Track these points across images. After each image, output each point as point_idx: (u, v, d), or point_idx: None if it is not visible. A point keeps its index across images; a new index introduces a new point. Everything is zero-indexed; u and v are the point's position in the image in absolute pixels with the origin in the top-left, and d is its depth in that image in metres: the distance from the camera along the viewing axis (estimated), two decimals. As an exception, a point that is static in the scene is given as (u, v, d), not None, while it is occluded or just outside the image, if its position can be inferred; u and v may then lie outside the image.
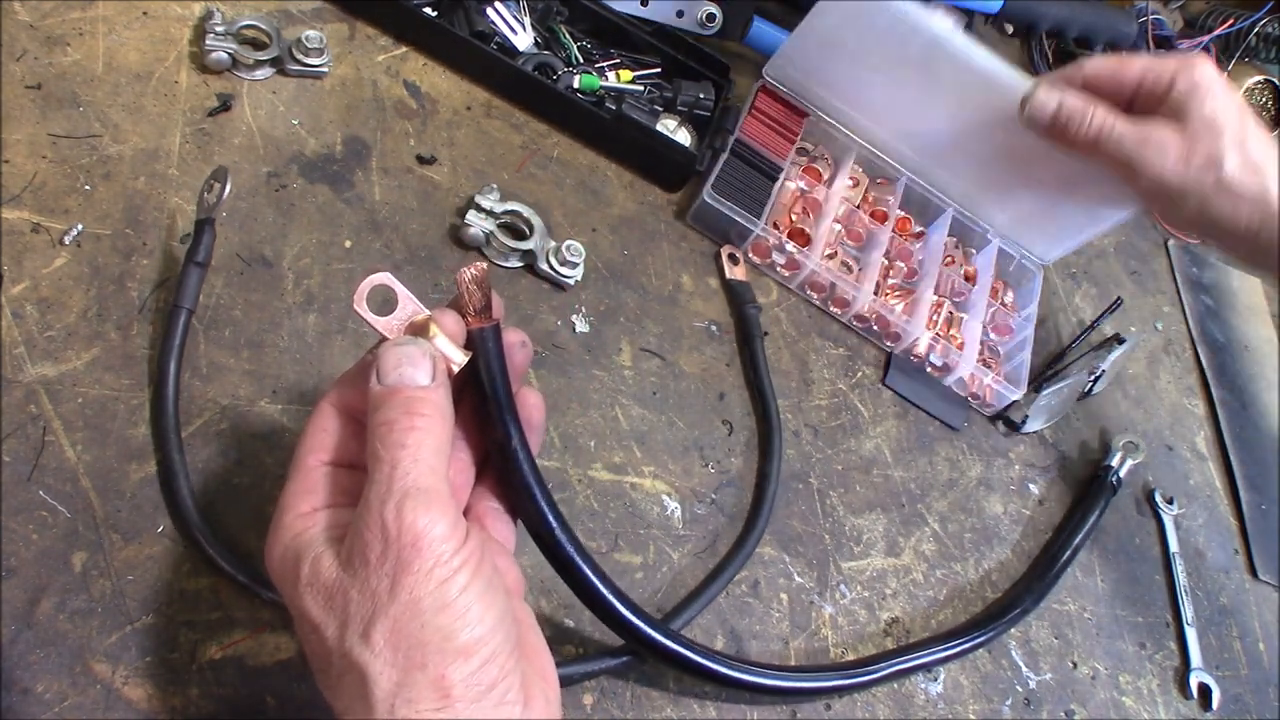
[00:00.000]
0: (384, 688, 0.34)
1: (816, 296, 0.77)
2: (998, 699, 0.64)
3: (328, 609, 0.36)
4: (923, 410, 0.76)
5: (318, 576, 0.36)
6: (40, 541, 0.46)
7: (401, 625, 0.34)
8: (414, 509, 0.35)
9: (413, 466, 0.36)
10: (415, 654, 0.34)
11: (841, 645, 0.61)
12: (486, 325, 0.42)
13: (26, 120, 0.56)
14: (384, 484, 0.36)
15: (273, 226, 0.60)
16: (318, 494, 0.40)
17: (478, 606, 0.35)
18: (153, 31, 0.64)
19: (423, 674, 0.34)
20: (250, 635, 0.47)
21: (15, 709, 0.42)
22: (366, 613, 0.35)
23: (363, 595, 0.35)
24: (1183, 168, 0.63)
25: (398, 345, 0.39)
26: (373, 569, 0.35)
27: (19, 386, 0.49)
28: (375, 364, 0.39)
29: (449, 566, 0.35)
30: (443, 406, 0.39)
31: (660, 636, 0.49)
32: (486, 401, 0.42)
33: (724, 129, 0.77)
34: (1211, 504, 0.86)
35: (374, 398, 0.38)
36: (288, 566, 0.37)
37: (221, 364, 0.54)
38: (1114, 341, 0.86)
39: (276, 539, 0.38)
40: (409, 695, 0.34)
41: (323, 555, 0.37)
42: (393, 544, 0.35)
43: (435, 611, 0.35)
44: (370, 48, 0.71)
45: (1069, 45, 1.13)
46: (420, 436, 0.37)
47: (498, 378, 0.42)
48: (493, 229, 0.64)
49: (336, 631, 0.35)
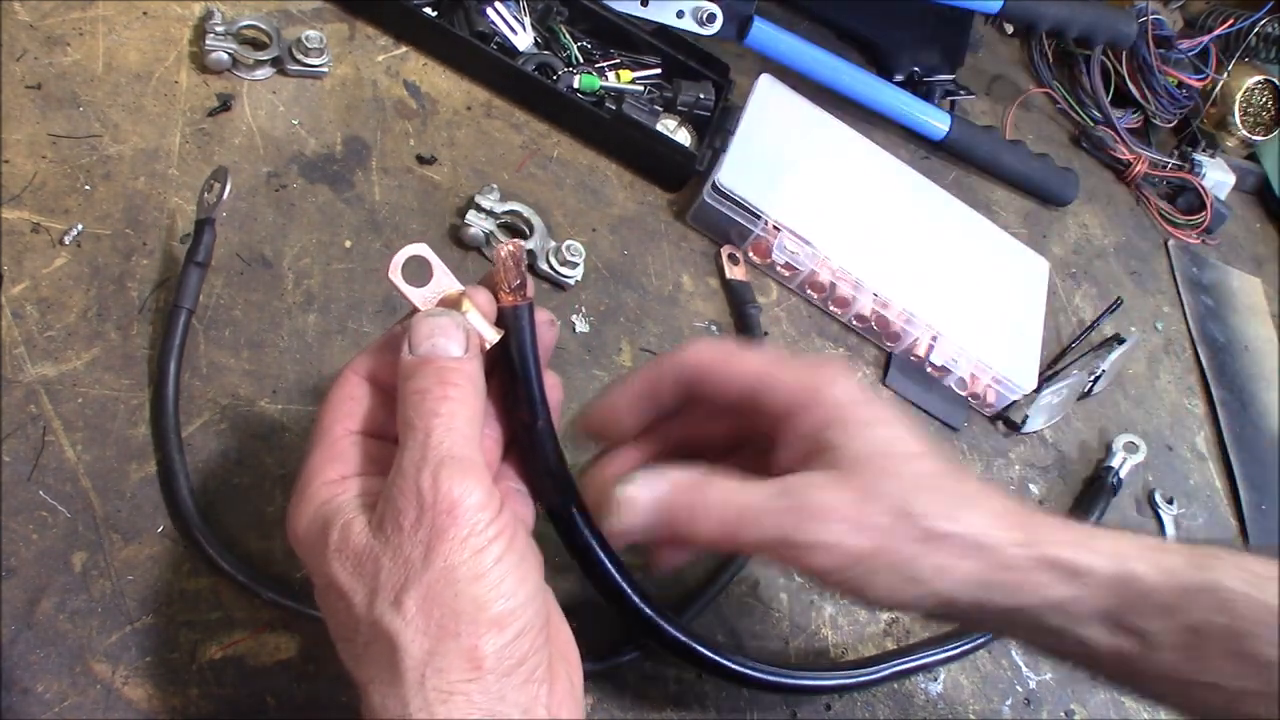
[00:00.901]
0: (415, 655, 0.34)
1: (816, 296, 0.77)
2: (998, 699, 0.64)
3: (357, 575, 0.35)
4: (923, 410, 0.76)
5: (348, 542, 0.36)
6: (40, 541, 0.46)
7: (435, 593, 0.34)
8: (449, 476, 0.35)
9: (447, 435, 0.36)
10: (448, 623, 0.34)
11: (841, 645, 0.61)
12: (521, 303, 0.42)
13: (26, 120, 0.56)
14: (418, 451, 0.36)
15: (273, 226, 0.60)
16: (347, 462, 0.39)
17: (512, 579, 0.35)
18: (153, 31, 0.64)
19: (455, 643, 0.34)
20: (250, 635, 0.47)
21: (15, 709, 0.42)
22: (398, 580, 0.34)
23: (395, 562, 0.35)
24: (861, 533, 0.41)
25: (431, 316, 0.39)
26: (406, 535, 0.34)
27: (19, 386, 0.49)
28: (408, 334, 0.39)
29: (484, 536, 0.35)
30: (476, 379, 0.39)
31: (673, 630, 0.48)
32: (516, 380, 0.42)
33: (724, 129, 0.77)
34: (1211, 504, 0.86)
35: (406, 367, 0.38)
36: (315, 533, 0.37)
37: (221, 364, 0.54)
38: (1114, 341, 0.86)
39: (302, 507, 0.38)
40: (440, 664, 0.34)
41: (354, 521, 0.36)
42: (428, 510, 0.34)
43: (470, 581, 0.34)
44: (370, 48, 0.71)
45: (1069, 45, 1.13)
46: (454, 406, 0.37)
47: (529, 356, 0.42)
48: (493, 229, 0.64)
49: (366, 598, 0.35)
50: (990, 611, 0.42)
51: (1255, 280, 1.11)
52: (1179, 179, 1.11)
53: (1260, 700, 0.40)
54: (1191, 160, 1.14)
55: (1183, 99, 1.13)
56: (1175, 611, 0.41)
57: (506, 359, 0.42)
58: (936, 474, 0.43)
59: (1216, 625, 0.40)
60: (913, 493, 0.41)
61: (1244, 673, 0.40)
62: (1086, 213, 1.04)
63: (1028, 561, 0.41)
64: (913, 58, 0.97)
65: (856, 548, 0.41)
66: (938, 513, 0.41)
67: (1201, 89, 1.14)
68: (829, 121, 0.85)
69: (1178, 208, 1.11)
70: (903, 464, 0.42)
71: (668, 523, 0.43)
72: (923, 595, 0.41)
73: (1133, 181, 1.10)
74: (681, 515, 0.42)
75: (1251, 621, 0.40)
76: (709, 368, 0.46)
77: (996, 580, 0.41)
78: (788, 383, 0.44)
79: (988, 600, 0.41)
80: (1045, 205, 1.01)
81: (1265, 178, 1.22)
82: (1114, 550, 0.42)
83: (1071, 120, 1.13)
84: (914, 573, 0.41)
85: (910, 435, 0.44)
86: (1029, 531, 0.42)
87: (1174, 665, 0.41)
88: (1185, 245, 1.09)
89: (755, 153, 0.76)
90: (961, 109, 1.00)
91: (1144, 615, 0.41)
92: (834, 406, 0.43)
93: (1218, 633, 0.40)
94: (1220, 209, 1.10)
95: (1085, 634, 0.42)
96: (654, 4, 0.78)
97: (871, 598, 0.42)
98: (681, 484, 0.43)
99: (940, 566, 0.41)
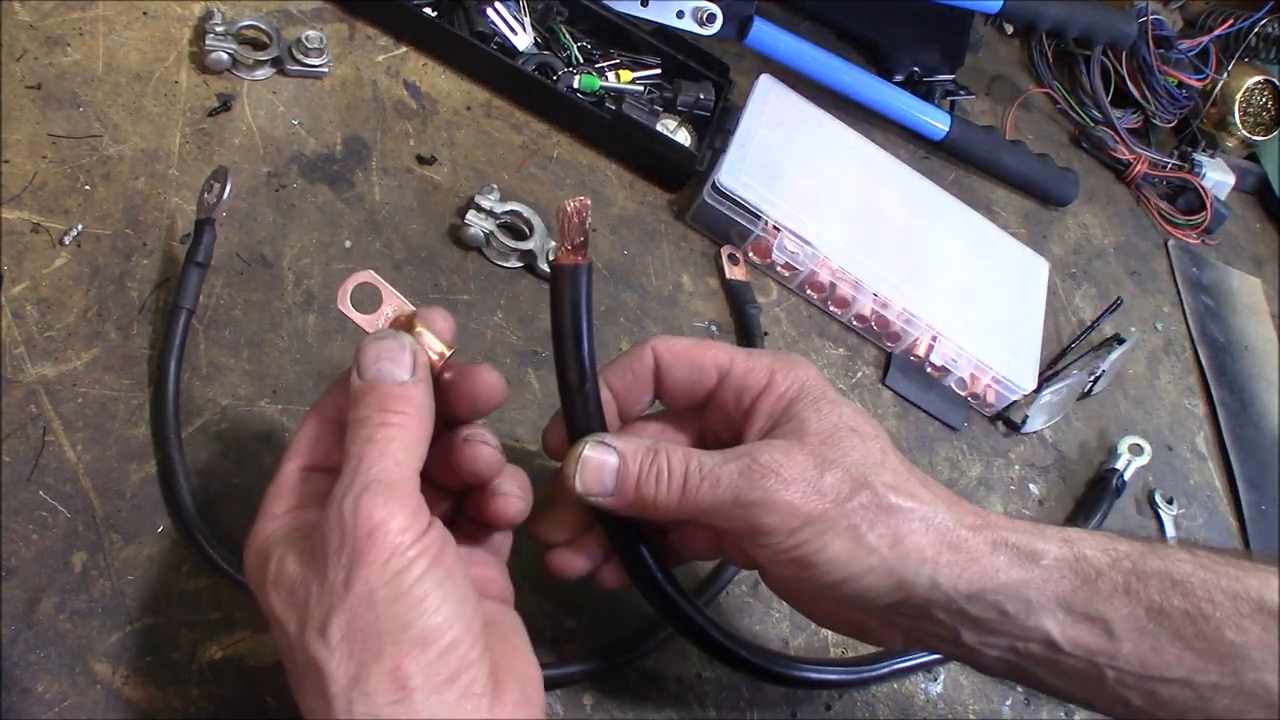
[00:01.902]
0: (340, 683, 0.34)
1: (816, 296, 0.77)
2: (997, 699, 0.64)
3: (289, 605, 0.36)
4: (923, 410, 0.76)
5: (282, 573, 0.36)
6: (40, 541, 0.46)
7: (357, 618, 0.34)
8: (371, 500, 0.35)
9: (378, 460, 0.36)
10: (371, 645, 0.34)
11: (841, 645, 0.61)
12: (582, 262, 0.42)
13: (26, 120, 0.56)
14: (348, 479, 0.36)
15: (273, 226, 0.60)
16: (290, 497, 0.40)
17: (435, 595, 0.35)
18: (153, 31, 0.64)
19: (379, 665, 0.34)
20: (250, 635, 0.47)
21: (15, 709, 0.42)
22: (324, 608, 0.35)
23: (321, 590, 0.35)
24: (816, 495, 0.41)
25: (378, 340, 0.40)
26: (330, 562, 0.35)
27: (19, 386, 0.49)
28: (355, 359, 0.39)
29: (405, 557, 0.35)
30: (419, 402, 0.39)
31: (692, 612, 0.48)
32: (564, 341, 0.42)
33: (724, 129, 0.77)
34: (1211, 504, 0.86)
35: (354, 394, 0.39)
36: (257, 567, 0.38)
37: (221, 364, 0.54)
38: (1114, 341, 0.86)
39: (250, 543, 0.39)
40: (365, 688, 0.34)
41: (287, 554, 0.37)
42: (349, 536, 0.35)
43: (390, 602, 0.34)
44: (370, 48, 0.71)
45: (1069, 45, 1.13)
46: (392, 432, 0.37)
47: (582, 317, 0.42)
48: (493, 229, 0.64)
49: (297, 628, 0.35)
50: (945, 600, 0.41)
51: (1255, 280, 1.11)
52: (1179, 179, 1.11)
53: (1228, 695, 0.40)
54: (1191, 160, 1.14)
55: (1183, 99, 1.13)
56: (1133, 594, 0.40)
57: (557, 319, 0.42)
58: (894, 457, 0.44)
59: (1176, 608, 0.40)
60: (872, 468, 0.42)
61: (1208, 666, 0.40)
62: (1086, 213, 1.04)
63: (982, 543, 0.42)
64: (913, 58, 0.97)
65: (810, 509, 0.40)
66: (896, 487, 0.42)
67: (1201, 89, 1.14)
68: (829, 121, 0.85)
69: (1178, 208, 1.11)
70: (862, 441, 0.43)
71: (628, 489, 0.43)
72: (874, 566, 0.41)
73: (1133, 181, 1.10)
74: (642, 477, 0.42)
75: (1210, 604, 0.40)
76: (679, 355, 0.46)
77: (952, 559, 0.41)
78: (755, 366, 0.46)
79: (944, 583, 0.41)
80: (1045, 205, 1.01)
81: (1265, 178, 1.22)
82: (1064, 537, 0.43)
83: (1071, 120, 1.13)
84: (867, 540, 0.40)
85: (870, 423, 0.45)
86: (981, 518, 0.43)
87: (1140, 659, 0.40)
88: (1185, 245, 1.09)
89: (755, 153, 0.76)
90: (961, 109, 1.00)
91: (1102, 597, 0.41)
92: (799, 385, 0.45)
93: (1178, 615, 0.40)
94: (1220, 209, 1.10)
95: (1047, 626, 0.41)
96: (654, 4, 0.78)
97: (821, 568, 0.41)
98: (639, 449, 0.43)
99: (896, 535, 0.41)
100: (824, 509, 0.41)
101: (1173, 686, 0.40)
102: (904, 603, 0.42)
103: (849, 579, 0.41)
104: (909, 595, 0.41)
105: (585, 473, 0.43)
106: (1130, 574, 0.41)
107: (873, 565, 0.41)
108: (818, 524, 0.40)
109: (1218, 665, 0.40)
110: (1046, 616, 0.41)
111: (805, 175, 0.79)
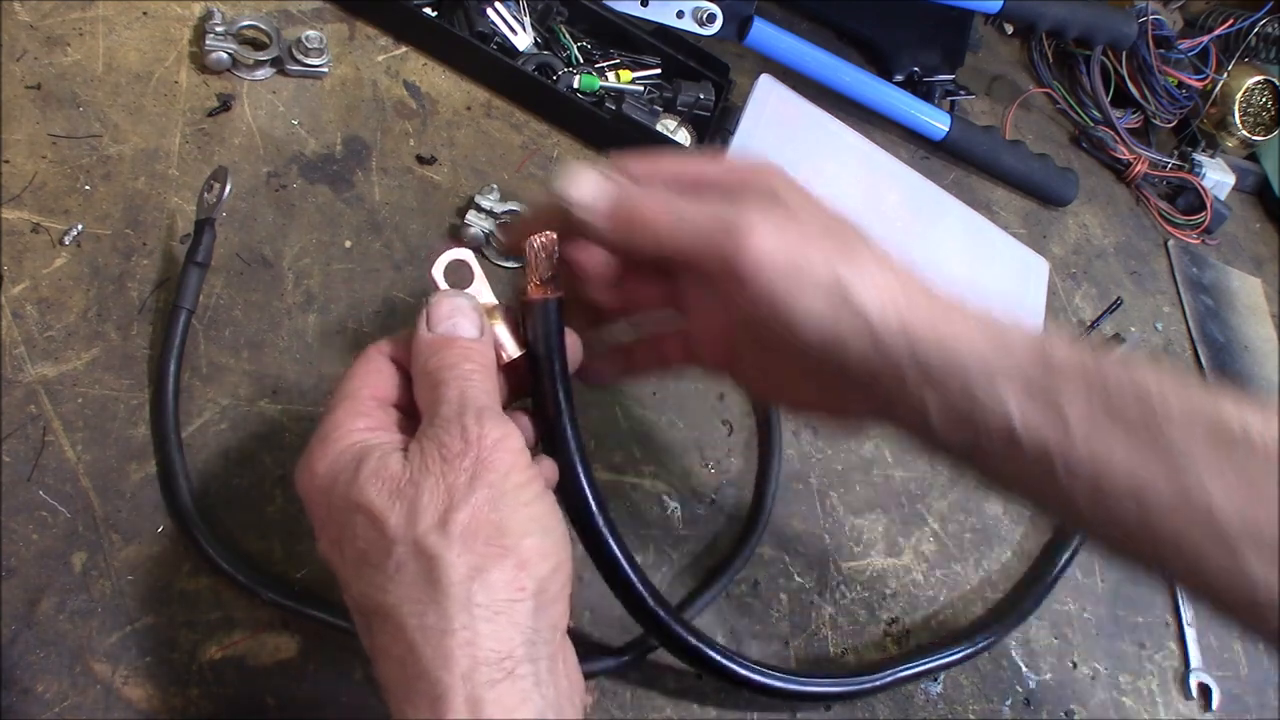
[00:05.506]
0: (460, 571, 0.34)
1: (816, 296, 0.77)
2: (998, 699, 0.64)
3: (395, 497, 0.35)
4: (923, 410, 0.76)
5: (385, 468, 0.36)
6: (40, 541, 0.46)
7: (481, 515, 0.35)
8: (492, 420, 0.37)
9: (481, 395, 0.38)
10: (495, 541, 0.35)
11: (841, 645, 0.61)
12: (550, 297, 0.42)
13: (26, 120, 0.56)
14: (456, 403, 0.37)
15: (273, 226, 0.60)
16: (375, 419, 0.39)
17: (550, 518, 0.37)
18: (153, 31, 0.64)
19: (504, 561, 0.35)
20: (250, 635, 0.47)
21: (15, 709, 0.42)
22: (442, 502, 0.35)
23: (436, 488, 0.35)
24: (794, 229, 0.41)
25: (451, 295, 0.40)
26: (451, 464, 0.35)
27: (19, 386, 0.49)
28: (426, 311, 0.39)
29: (526, 474, 0.36)
30: (490, 364, 0.40)
31: (681, 629, 0.48)
32: (540, 376, 0.42)
33: (724, 129, 0.77)
34: (1211, 504, 0.86)
35: (424, 343, 0.39)
36: (343, 465, 0.37)
37: (221, 364, 0.54)
38: (1114, 342, 0.86)
39: (325, 449, 0.38)
40: (487, 580, 0.34)
41: (390, 455, 0.37)
42: (473, 444, 0.36)
43: (515, 507, 0.35)
44: (370, 48, 0.71)
45: (1069, 45, 1.13)
46: (479, 376, 0.38)
47: (555, 352, 0.42)
48: (493, 229, 0.64)
49: (403, 519, 0.35)
50: (918, 367, 0.40)
51: (1255, 280, 1.11)
52: (1179, 179, 1.11)
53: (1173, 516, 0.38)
54: (1191, 160, 1.14)
55: (1183, 99, 1.12)
56: (1093, 388, 0.39)
57: (531, 353, 0.42)
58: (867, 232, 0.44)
59: (1130, 408, 0.39)
60: (845, 228, 0.43)
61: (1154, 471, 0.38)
62: (1086, 213, 1.04)
63: (952, 306, 0.42)
64: (913, 58, 0.97)
65: (789, 243, 0.40)
66: (870, 241, 0.42)
67: (1201, 89, 1.14)
68: (829, 121, 0.84)
69: (1178, 208, 1.11)
70: (836, 215, 0.44)
71: (617, 213, 0.42)
72: (849, 319, 0.40)
73: (1133, 181, 1.10)
74: (632, 202, 0.42)
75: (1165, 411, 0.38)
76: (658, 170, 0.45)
77: (926, 318, 0.40)
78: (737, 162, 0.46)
79: (916, 349, 0.40)
80: (1045, 205, 1.01)
81: (1265, 178, 1.22)
82: (1028, 328, 0.42)
83: (1071, 120, 1.13)
84: (843, 284, 0.40)
85: None
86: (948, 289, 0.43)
87: (1090, 453, 0.39)
88: (1185, 245, 1.09)
89: (755, 153, 0.76)
90: (961, 109, 1.00)
91: (1063, 384, 0.39)
92: (780, 174, 0.45)
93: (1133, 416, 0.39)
94: (1220, 209, 1.10)
95: (1009, 406, 0.39)
96: (654, 4, 0.78)
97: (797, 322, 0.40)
98: (628, 185, 0.43)
99: (872, 280, 0.40)
100: (804, 244, 0.40)
101: (1119, 493, 0.39)
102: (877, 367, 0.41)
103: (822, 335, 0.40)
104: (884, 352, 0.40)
105: (581, 182, 0.42)
106: (1093, 372, 0.40)
107: (847, 319, 0.40)
108: (797, 260, 0.40)
109: (1164, 473, 0.38)
110: (1011, 397, 0.40)
111: (805, 175, 0.78)
